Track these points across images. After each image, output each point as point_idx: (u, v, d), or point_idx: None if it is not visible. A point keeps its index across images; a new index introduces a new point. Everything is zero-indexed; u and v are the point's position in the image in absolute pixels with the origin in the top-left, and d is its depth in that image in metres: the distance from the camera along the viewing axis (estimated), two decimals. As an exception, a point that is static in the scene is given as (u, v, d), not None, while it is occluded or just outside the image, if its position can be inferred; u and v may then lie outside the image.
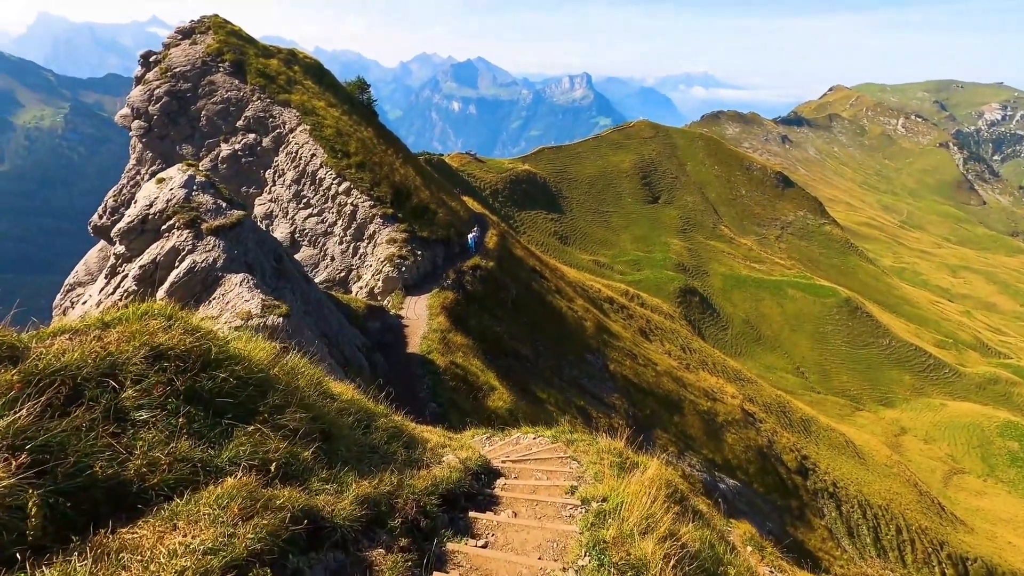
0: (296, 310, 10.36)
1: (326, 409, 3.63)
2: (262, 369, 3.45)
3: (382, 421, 4.37)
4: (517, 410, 14.53)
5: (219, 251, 10.03)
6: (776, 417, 55.76)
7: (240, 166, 27.04)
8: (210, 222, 10.54)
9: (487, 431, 7.51)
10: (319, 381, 3.99)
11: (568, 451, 5.63)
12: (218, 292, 9.09)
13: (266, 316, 8.11)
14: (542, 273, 37.01)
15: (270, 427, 3.11)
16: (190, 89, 27.46)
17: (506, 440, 6.45)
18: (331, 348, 11.24)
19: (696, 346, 62.87)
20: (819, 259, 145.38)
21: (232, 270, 9.55)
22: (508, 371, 20.14)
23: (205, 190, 10.69)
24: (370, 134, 30.53)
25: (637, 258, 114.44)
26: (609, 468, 4.72)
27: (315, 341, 9.00)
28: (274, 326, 7.96)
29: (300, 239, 25.35)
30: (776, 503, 37.19)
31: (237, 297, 8.70)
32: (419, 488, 3.83)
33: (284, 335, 7.82)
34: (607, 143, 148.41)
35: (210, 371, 3.15)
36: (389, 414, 4.61)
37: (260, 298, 8.52)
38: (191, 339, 3.16)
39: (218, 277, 9.57)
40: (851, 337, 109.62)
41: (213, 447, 2.80)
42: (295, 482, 2.89)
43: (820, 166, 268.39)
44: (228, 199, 11.04)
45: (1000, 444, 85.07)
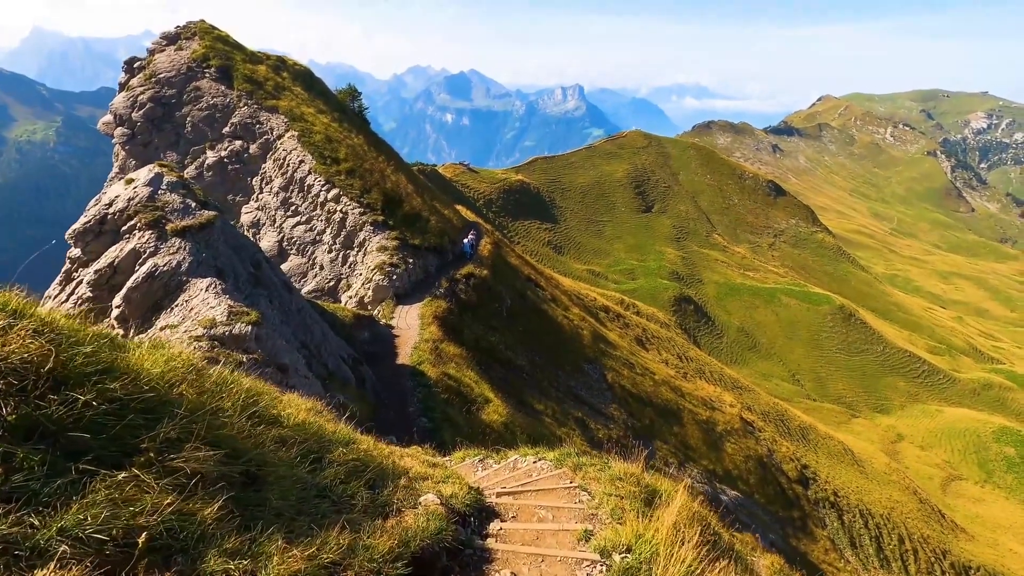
0: (271, 319, 9.65)
1: (256, 440, 2.62)
2: (155, 387, 2.51)
3: (340, 452, 3.22)
4: (513, 423, 13.81)
5: (184, 254, 9.24)
6: (774, 425, 55.15)
7: (227, 173, 26.36)
8: (176, 223, 9.71)
9: (480, 451, 6.71)
10: (253, 401, 2.92)
11: (576, 478, 4.74)
12: (181, 298, 8.33)
13: (232, 324, 7.40)
14: (537, 282, 36.40)
15: (156, 472, 2.22)
16: (175, 95, 26.83)
17: (502, 464, 5.60)
18: (312, 360, 10.52)
19: (693, 354, 62.34)
20: (812, 267, 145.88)
21: (199, 274, 8.81)
22: (503, 382, 19.43)
23: (174, 189, 9.93)
24: (361, 141, 29.96)
25: (631, 267, 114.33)
26: (628, 500, 3.97)
27: (292, 352, 8.28)
28: (241, 335, 7.26)
29: (288, 248, 24.64)
30: (778, 514, 36.46)
31: (202, 304, 7.97)
32: (380, 551, 2.88)
33: (253, 345, 7.15)
34: (600, 153, 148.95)
35: (67, 391, 2.24)
36: (352, 440, 3.75)
37: (227, 304, 7.79)
38: (39, 344, 2.24)
39: (182, 282, 8.79)
40: (845, 344, 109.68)
41: (44, 511, 1.88)
42: (177, 560, 2.01)
43: (811, 175, 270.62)
44: (202, 200, 10.30)
45: (996, 450, 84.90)
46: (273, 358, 7.23)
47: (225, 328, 7.34)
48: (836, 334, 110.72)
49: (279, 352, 7.45)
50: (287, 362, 7.41)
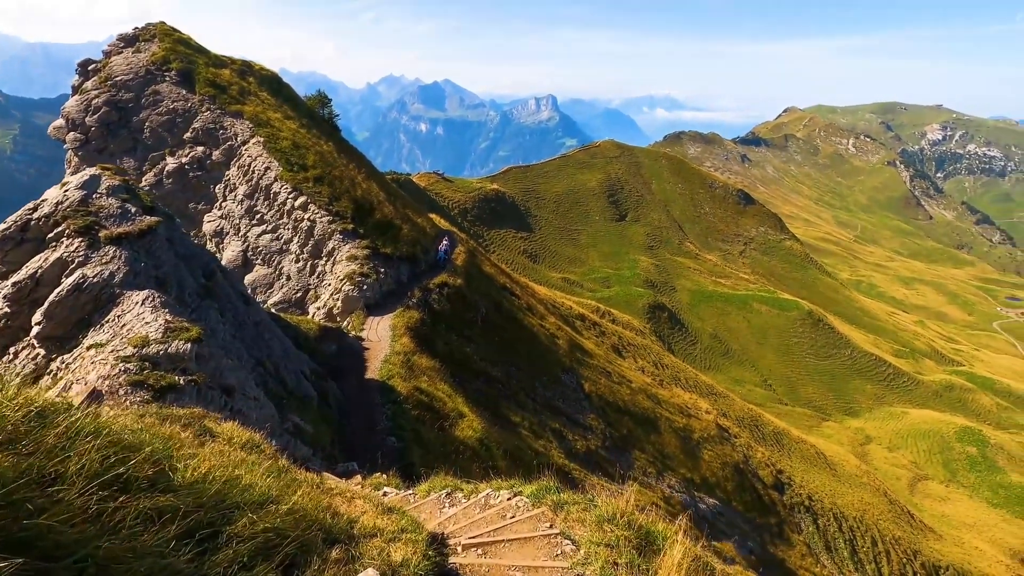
0: (221, 334, 8.88)
1: (102, 525, 1.70)
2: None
3: (246, 521, 2.25)
4: (489, 438, 13.20)
5: (119, 263, 8.33)
6: (749, 431, 55.56)
7: (187, 181, 25.25)
8: (111, 229, 8.72)
9: (448, 481, 6.05)
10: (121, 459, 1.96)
11: (557, 521, 4.08)
12: (113, 313, 7.47)
13: (168, 342, 6.59)
14: (513, 291, 35.92)
15: None
16: (132, 99, 25.65)
17: (472, 501, 4.92)
18: (268, 377, 9.71)
19: (668, 361, 62.57)
20: (781, 273, 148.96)
21: (135, 286, 7.94)
22: (479, 395, 18.82)
23: (114, 194, 9.04)
24: (330, 148, 29.15)
25: (606, 275, 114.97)
26: (620, 549, 3.39)
27: (242, 371, 7.49)
28: (178, 354, 6.51)
29: (253, 258, 23.64)
30: (755, 521, 36.46)
31: (136, 319, 7.17)
32: None
33: (192, 364, 6.43)
34: (574, 162, 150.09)
35: None
36: (272, 498, 2.65)
37: (165, 319, 7.02)
38: None
39: (115, 295, 7.87)
40: (815, 349, 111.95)
41: None
42: None
43: (778, 184, 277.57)
44: (148, 206, 9.39)
45: (959, 449, 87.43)
46: (217, 379, 6.52)
47: (159, 347, 6.55)
48: (805, 339, 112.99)
49: (225, 372, 6.73)
50: (234, 383, 6.70)
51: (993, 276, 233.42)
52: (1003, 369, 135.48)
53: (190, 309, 8.65)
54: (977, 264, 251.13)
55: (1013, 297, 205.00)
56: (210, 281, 9.90)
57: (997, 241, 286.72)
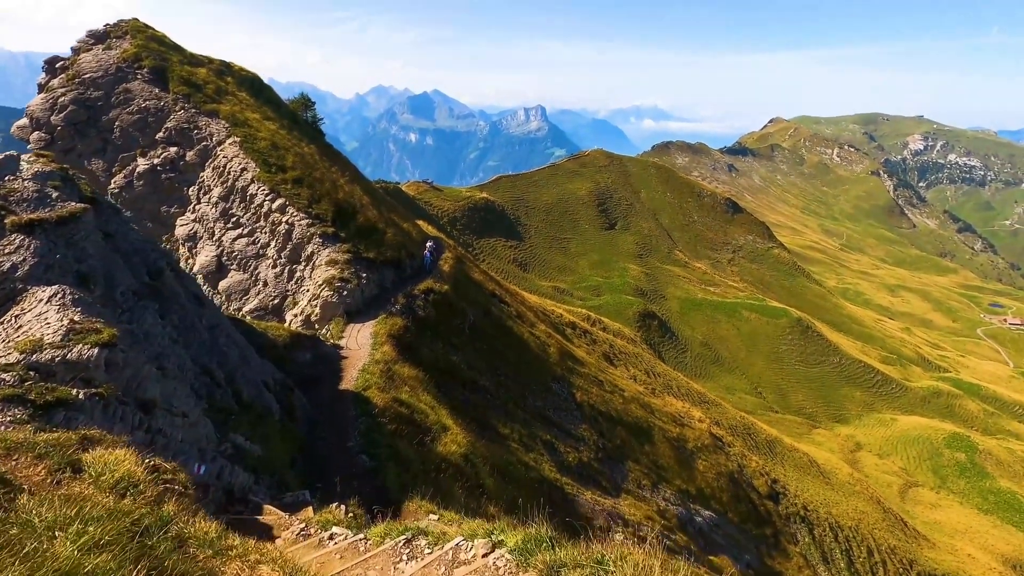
0: (157, 338, 7.79)
1: None
2: None
3: None
4: (475, 453, 12.15)
5: (26, 254, 7.17)
6: (743, 440, 54.81)
7: (160, 183, 24.07)
8: (22, 215, 7.58)
9: (406, 528, 4.84)
10: None
11: None
12: (11, 313, 6.34)
13: (68, 347, 5.47)
14: (502, 297, 34.95)
15: None
16: (102, 97, 24.49)
17: (436, 554, 3.70)
18: (216, 388, 8.62)
19: (660, 370, 61.80)
20: (770, 281, 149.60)
21: (46, 281, 6.78)
22: (465, 405, 17.77)
23: (39, 179, 7.90)
24: (312, 150, 28.13)
25: (596, 283, 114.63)
26: None
27: (171, 382, 6.33)
28: (79, 361, 5.35)
29: (228, 263, 22.48)
30: (751, 532, 35.56)
31: (36, 320, 6.03)
32: None
33: (100, 374, 5.34)
34: (563, 171, 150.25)
35: None
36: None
37: (70, 320, 5.92)
38: None
39: (16, 290, 6.64)
40: (804, 356, 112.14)
41: None
42: None
43: (765, 193, 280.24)
44: (89, 196, 8.28)
45: (948, 456, 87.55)
46: (133, 391, 5.45)
47: (55, 352, 5.34)
48: (795, 346, 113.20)
49: (145, 383, 5.65)
50: (156, 396, 5.62)
51: (976, 283, 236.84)
52: (988, 375, 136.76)
53: (121, 310, 7.56)
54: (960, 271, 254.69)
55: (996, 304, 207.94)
56: (157, 280, 8.83)
57: (979, 249, 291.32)
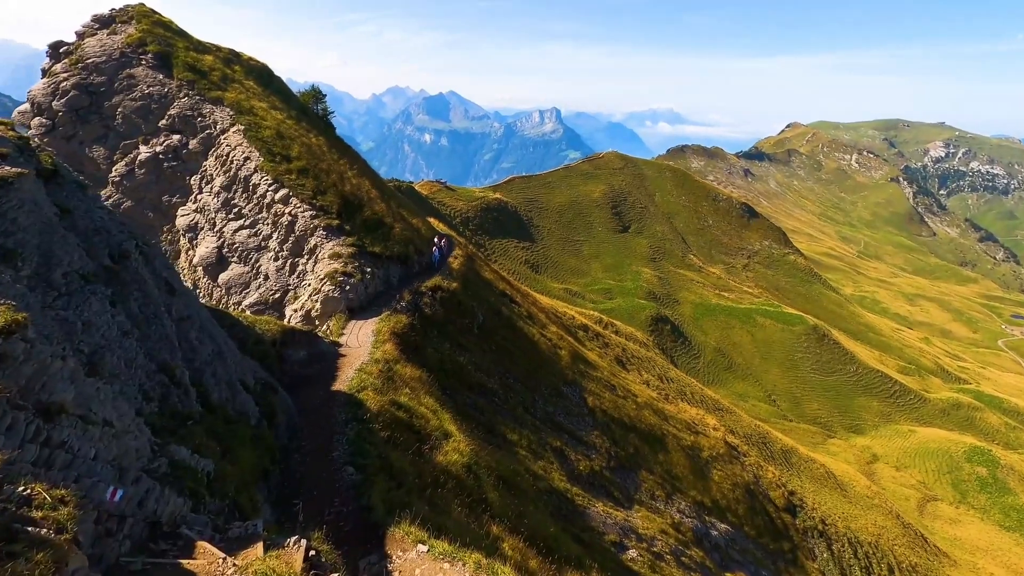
0: (100, 328, 6.78)
1: None
2: None
3: None
4: (478, 464, 11.03)
5: None
6: (758, 449, 53.21)
7: (162, 171, 23.34)
8: None
9: None
10: None
11: None
12: None
13: None
14: (513, 297, 33.88)
15: None
16: (104, 83, 23.83)
17: None
18: (172, 389, 7.58)
19: (673, 375, 60.34)
20: (785, 287, 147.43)
21: None
22: (471, 409, 16.72)
23: None
24: (320, 142, 27.28)
25: (609, 287, 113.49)
26: None
27: (97, 384, 5.18)
28: None
29: (229, 255, 21.64)
30: (768, 547, 34.10)
31: None
32: None
33: None
34: (577, 173, 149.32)
35: None
36: None
37: None
38: None
39: None
40: (819, 364, 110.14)
41: None
42: None
43: (781, 198, 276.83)
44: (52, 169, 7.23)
45: (969, 470, 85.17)
46: (35, 392, 4.46)
47: None
48: (810, 354, 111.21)
49: (52, 382, 4.65)
50: (64, 399, 4.59)
51: (997, 294, 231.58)
52: (1010, 387, 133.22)
53: (57, 294, 6.59)
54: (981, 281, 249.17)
55: (1017, 315, 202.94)
56: (119, 263, 7.87)
57: (1001, 259, 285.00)
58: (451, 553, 5.77)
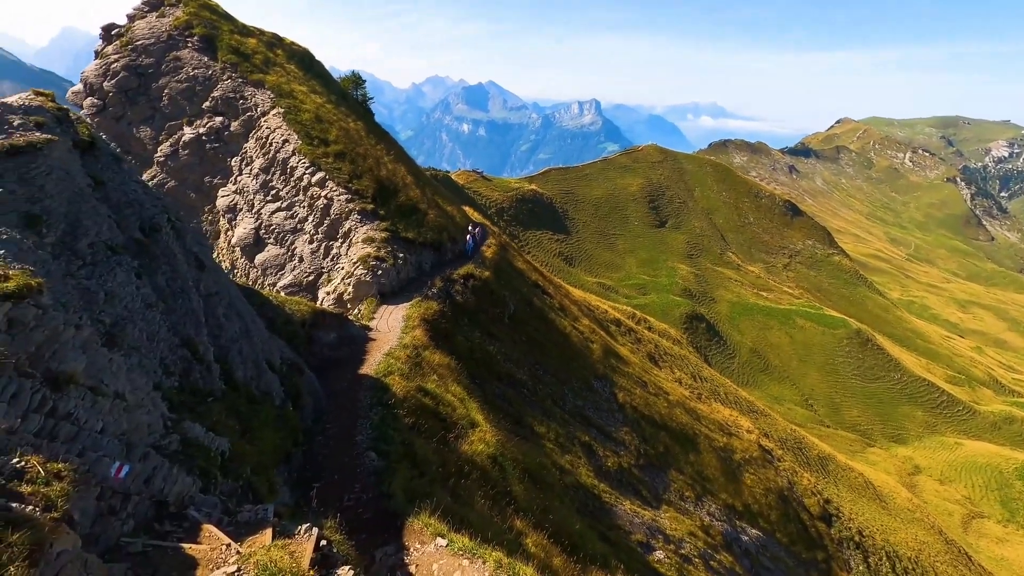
0: (124, 299, 6.73)
1: None
2: None
3: None
4: (504, 455, 10.76)
5: None
6: (793, 454, 51.58)
7: (204, 152, 23.80)
8: None
9: None
10: None
11: None
12: None
13: None
14: (545, 288, 33.48)
15: None
16: (152, 65, 24.40)
17: None
18: (197, 364, 7.49)
19: (706, 374, 58.96)
20: (828, 289, 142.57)
21: None
22: (499, 399, 16.47)
23: (22, 111, 6.87)
24: (358, 127, 27.36)
25: (643, 282, 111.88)
26: None
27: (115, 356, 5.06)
28: None
29: (266, 236, 21.95)
30: (801, 556, 32.98)
31: None
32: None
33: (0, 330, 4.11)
34: (615, 166, 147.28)
35: None
36: None
37: None
38: None
39: None
40: (861, 370, 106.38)
41: None
42: None
43: (827, 197, 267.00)
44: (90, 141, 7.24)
45: (1020, 488, 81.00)
46: (43, 359, 4.32)
47: None
48: (852, 359, 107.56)
49: (64, 351, 4.50)
50: (75, 369, 4.49)
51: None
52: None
53: (81, 263, 6.55)
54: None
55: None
56: (149, 236, 7.87)
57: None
58: (471, 549, 5.50)
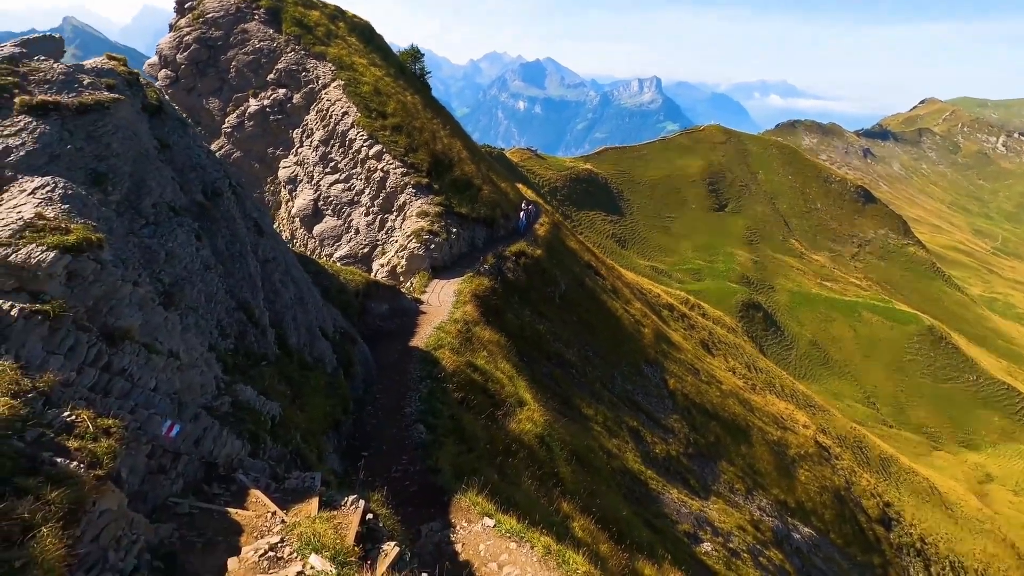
0: (184, 260, 6.77)
1: None
2: None
3: None
4: (551, 436, 10.55)
5: (27, 138, 6.16)
6: (852, 453, 49.21)
7: (268, 124, 24.40)
8: (38, 95, 6.65)
9: None
10: None
11: None
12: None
13: (16, 245, 4.29)
14: (597, 269, 32.85)
15: None
16: (222, 37, 25.11)
17: None
18: (252, 327, 7.55)
19: (762, 365, 56.82)
20: (900, 282, 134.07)
21: (41, 171, 5.80)
22: (547, 379, 16.26)
23: (81, 71, 6.93)
24: (415, 100, 27.33)
25: (698, 267, 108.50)
26: None
27: (171, 313, 5.11)
28: (27, 264, 4.16)
29: (324, 208, 22.40)
30: (856, 558, 31.57)
31: (10, 212, 5.13)
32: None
33: (56, 286, 4.17)
34: (674, 146, 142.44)
35: None
36: None
37: (36, 214, 4.89)
38: None
39: (5, 178, 5.79)
40: (932, 369, 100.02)
41: None
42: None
43: (905, 183, 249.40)
44: (157, 105, 7.39)
45: (1107, 506, 74.37)
46: (101, 314, 4.35)
47: None
48: (922, 357, 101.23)
49: (121, 307, 4.50)
50: (131, 325, 4.49)
51: None
52: None
53: (144, 222, 6.66)
54: None
55: None
56: (210, 200, 7.98)
57: None
58: (519, 532, 5.33)
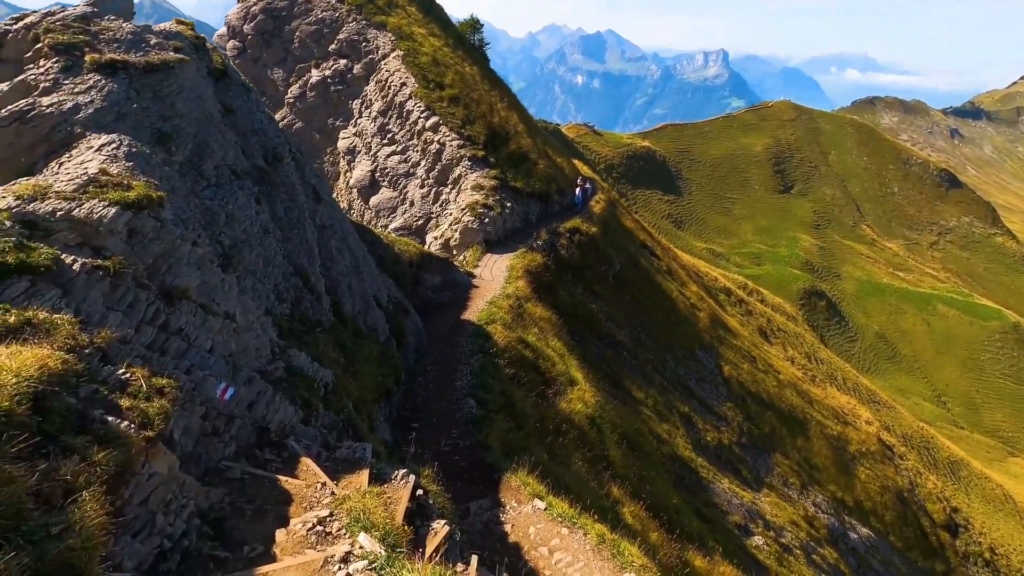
0: (243, 223, 6.79)
1: None
2: None
3: None
4: (602, 417, 10.28)
5: (95, 95, 6.11)
6: (918, 454, 46.55)
7: (329, 95, 24.72)
8: (107, 54, 6.58)
9: None
10: None
11: None
12: (57, 160, 5.35)
13: (79, 200, 4.22)
14: (653, 250, 31.91)
15: None
16: (286, 7, 25.47)
17: None
18: (308, 294, 7.59)
19: (823, 356, 54.25)
20: (983, 275, 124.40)
21: (108, 129, 5.84)
22: (598, 359, 15.94)
23: (158, 35, 6.74)
24: (473, 71, 26.97)
25: (758, 251, 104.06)
26: None
27: (227, 275, 5.07)
28: (89, 220, 4.14)
29: (380, 179, 22.59)
30: (917, 563, 30.00)
31: (76, 168, 5.18)
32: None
33: (117, 242, 4.18)
34: (739, 123, 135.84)
35: None
36: None
37: (99, 170, 4.91)
38: None
39: (73, 135, 5.82)
40: (1015, 370, 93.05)
41: None
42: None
43: (997, 167, 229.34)
44: (222, 69, 7.41)
45: None
46: (160, 272, 4.34)
47: (59, 204, 4.16)
48: (1004, 356, 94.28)
49: (179, 266, 4.53)
50: (189, 285, 4.49)
51: None
52: None
53: (206, 184, 6.69)
54: None
55: None
56: (271, 165, 8.04)
57: None
58: (571, 518, 5.15)
